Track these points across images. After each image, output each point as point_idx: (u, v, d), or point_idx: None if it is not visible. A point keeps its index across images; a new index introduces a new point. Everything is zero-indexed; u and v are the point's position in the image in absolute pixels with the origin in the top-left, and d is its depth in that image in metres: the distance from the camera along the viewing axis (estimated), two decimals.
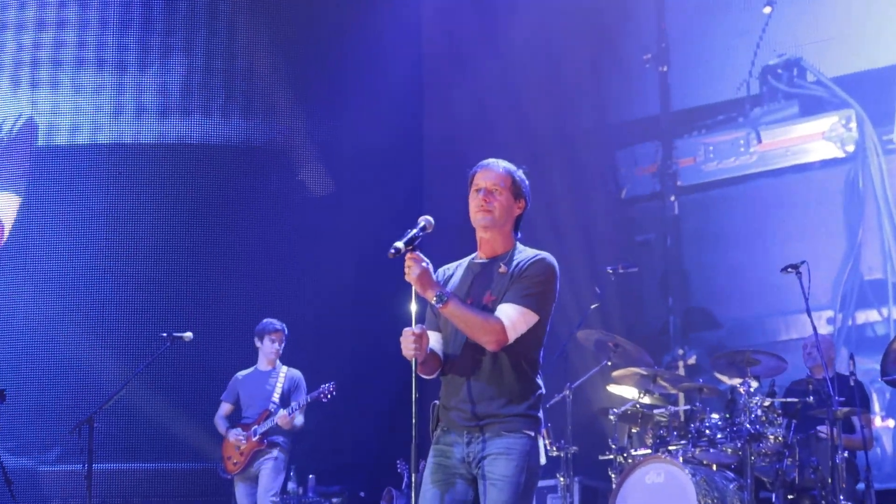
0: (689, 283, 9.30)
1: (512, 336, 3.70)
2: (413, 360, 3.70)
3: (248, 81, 9.60)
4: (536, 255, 3.84)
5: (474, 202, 3.87)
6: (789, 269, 6.68)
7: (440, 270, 3.96)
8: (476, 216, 3.86)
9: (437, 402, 3.90)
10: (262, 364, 7.89)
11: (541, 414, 3.83)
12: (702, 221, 9.32)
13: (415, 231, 3.75)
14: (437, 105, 10.06)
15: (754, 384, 6.82)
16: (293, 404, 7.61)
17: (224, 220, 9.35)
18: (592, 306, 7.80)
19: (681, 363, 9.08)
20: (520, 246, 3.91)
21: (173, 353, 7.69)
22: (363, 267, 9.25)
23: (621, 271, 8.06)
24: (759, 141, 9.03)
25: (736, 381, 6.89)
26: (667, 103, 9.63)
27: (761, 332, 8.69)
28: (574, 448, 7.51)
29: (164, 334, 7.25)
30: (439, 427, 3.87)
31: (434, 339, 3.87)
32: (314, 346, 8.88)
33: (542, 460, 3.84)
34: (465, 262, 3.98)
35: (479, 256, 3.94)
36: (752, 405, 6.65)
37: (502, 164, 3.93)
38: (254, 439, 7.60)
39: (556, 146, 9.59)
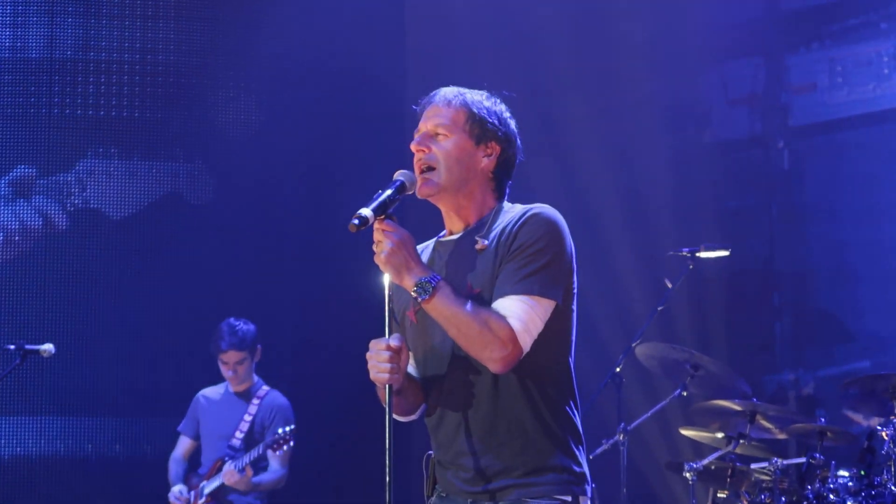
0: (805, 274, 9.31)
1: (527, 343, 3.67)
2: (387, 387, 3.68)
3: None
4: (526, 212, 3.80)
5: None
6: None
7: None
8: (418, 187, 3.85)
9: (431, 452, 3.92)
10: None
11: (584, 465, 3.81)
12: (825, 180, 9.30)
13: (389, 192, 3.75)
14: (424, 14, 9.96)
15: None
16: (251, 452, 7.54)
17: (99, 173, 9.17)
18: (659, 308, 7.73)
19: (792, 394, 9.10)
20: (503, 205, 3.92)
21: (28, 373, 7.64)
22: (312, 249, 9.23)
23: (703, 255, 7.90)
24: None
25: (876, 422, 6.94)
26: (773, 1, 9.66)
27: None
28: None
29: (12, 346, 7.21)
30: (435, 491, 3.90)
31: (412, 365, 3.89)
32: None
33: None
34: (430, 244, 4.01)
35: (446, 233, 3.96)
36: None
37: (454, 93, 3.94)
38: (199, 503, 7.57)
39: (602, 68, 9.50)
